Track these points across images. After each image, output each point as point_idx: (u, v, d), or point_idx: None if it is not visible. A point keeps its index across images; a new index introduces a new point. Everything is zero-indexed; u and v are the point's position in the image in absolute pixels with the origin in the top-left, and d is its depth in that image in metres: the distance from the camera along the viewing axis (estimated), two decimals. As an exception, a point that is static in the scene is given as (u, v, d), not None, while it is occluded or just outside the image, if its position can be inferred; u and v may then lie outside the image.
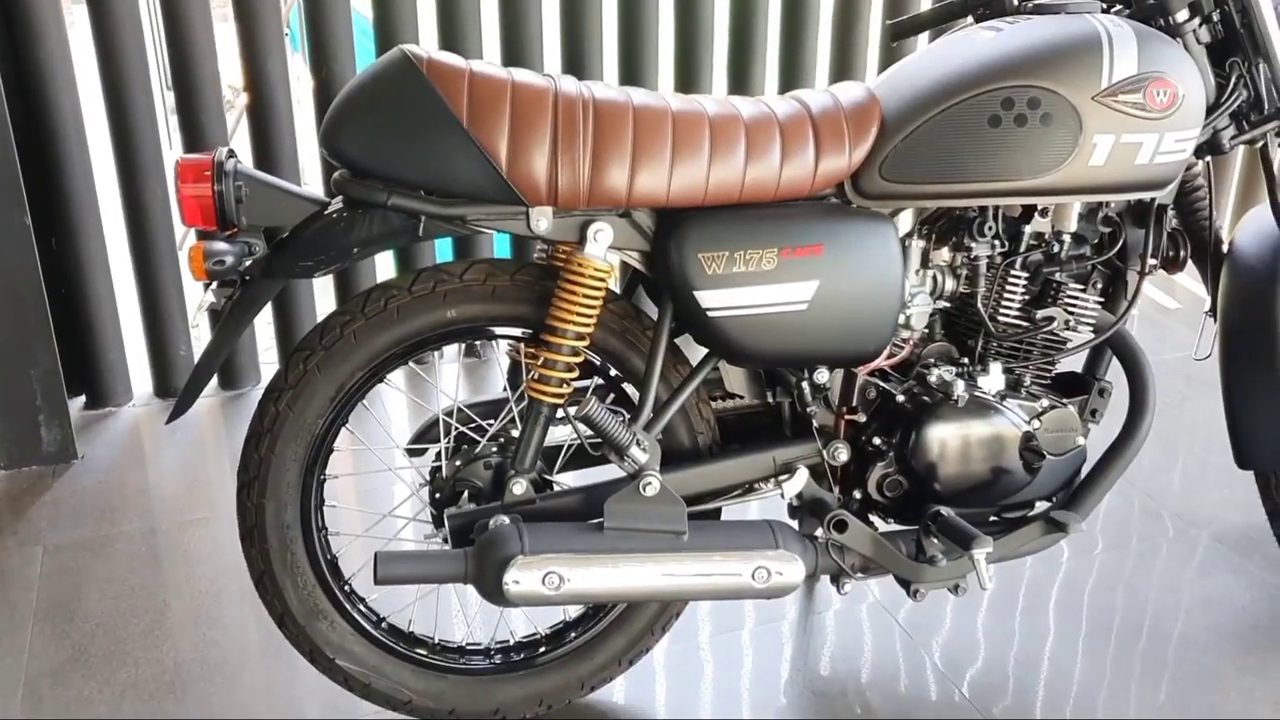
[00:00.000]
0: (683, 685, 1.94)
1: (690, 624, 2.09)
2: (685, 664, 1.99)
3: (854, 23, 3.18)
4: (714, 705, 1.89)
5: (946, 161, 1.61)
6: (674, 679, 1.95)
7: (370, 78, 1.53)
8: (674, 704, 1.90)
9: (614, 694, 1.91)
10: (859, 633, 2.06)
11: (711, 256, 1.57)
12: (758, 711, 1.88)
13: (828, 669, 1.97)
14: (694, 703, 1.90)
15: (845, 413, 1.78)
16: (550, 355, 1.61)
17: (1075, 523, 1.74)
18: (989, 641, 2.04)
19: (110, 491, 2.52)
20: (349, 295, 3.01)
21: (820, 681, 1.94)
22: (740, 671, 1.97)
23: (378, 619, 1.78)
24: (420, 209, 1.54)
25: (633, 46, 3.01)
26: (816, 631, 2.07)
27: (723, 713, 1.87)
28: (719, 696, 1.91)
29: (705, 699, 1.91)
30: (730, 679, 1.95)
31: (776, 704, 1.89)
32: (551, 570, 1.55)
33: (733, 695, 1.91)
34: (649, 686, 1.93)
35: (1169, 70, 1.62)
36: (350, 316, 1.64)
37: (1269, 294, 1.88)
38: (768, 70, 3.15)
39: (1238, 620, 2.09)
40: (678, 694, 1.92)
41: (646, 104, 1.56)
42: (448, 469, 1.71)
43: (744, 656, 2.01)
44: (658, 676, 1.96)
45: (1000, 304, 1.75)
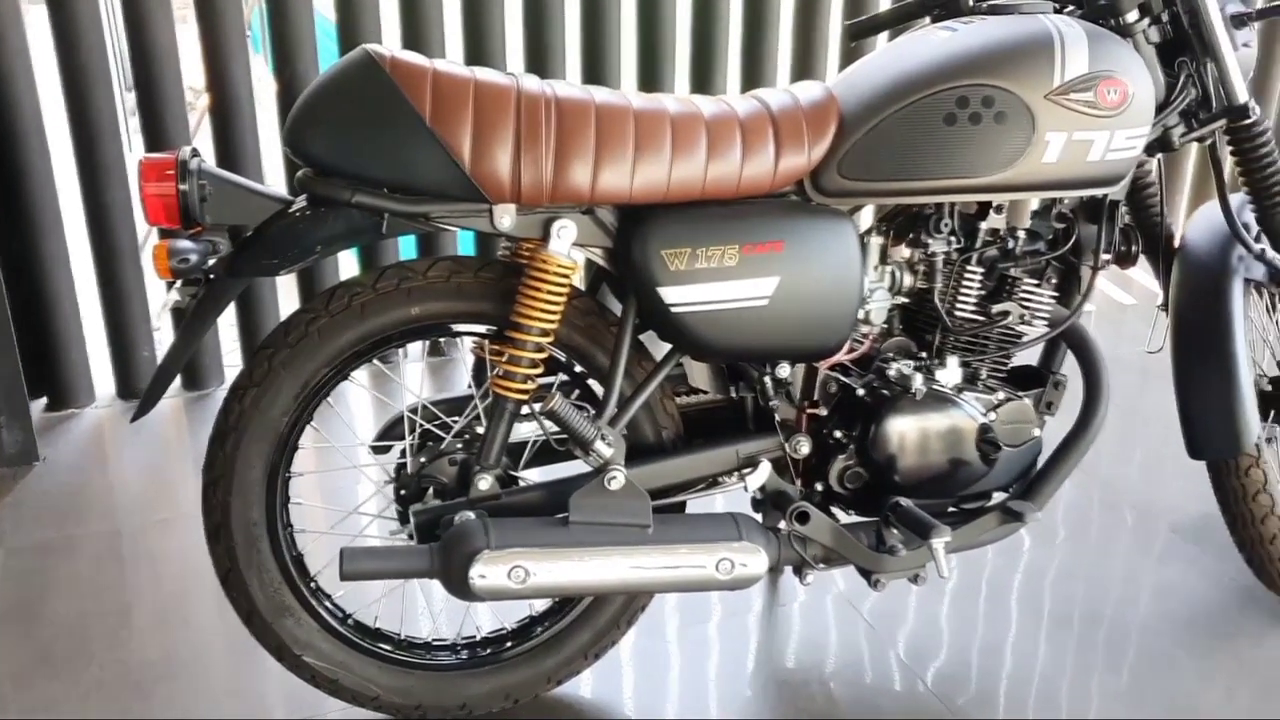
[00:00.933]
0: (649, 678, 1.96)
1: (658, 617, 2.11)
2: (652, 657, 2.01)
3: (814, 23, 3.21)
4: (681, 697, 1.91)
5: (903, 159, 1.64)
6: (641, 672, 1.97)
7: (334, 77, 1.54)
8: (641, 697, 1.92)
9: (581, 688, 1.93)
10: (824, 625, 2.09)
11: (674, 253, 1.59)
12: (724, 703, 1.90)
13: (792, 660, 2.00)
14: (661, 695, 1.92)
15: (807, 407, 1.80)
16: (515, 352, 1.62)
17: (1031, 512, 1.78)
18: (952, 632, 2.07)
19: (73, 493, 2.51)
20: (312, 294, 3.00)
21: (784, 673, 1.97)
22: (707, 664, 1.99)
23: (344, 615, 1.79)
24: (384, 207, 1.55)
25: (595, 46, 3.02)
26: (781, 624, 2.09)
27: (689, 705, 1.89)
28: (685, 689, 1.93)
29: (672, 691, 1.93)
30: (697, 671, 1.97)
31: (742, 695, 1.92)
32: (517, 564, 1.56)
33: (699, 687, 1.93)
34: (616, 680, 1.95)
35: (1119, 69, 1.65)
36: (315, 314, 1.64)
37: (1218, 288, 1.92)
38: (729, 70, 3.18)
39: (1192, 608, 2.13)
40: (644, 687, 1.94)
41: (609, 102, 1.58)
42: (413, 465, 1.72)
43: (710, 649, 2.03)
44: (624, 670, 1.97)
45: (957, 299, 1.78)
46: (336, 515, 2.26)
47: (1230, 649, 2.02)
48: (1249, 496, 1.92)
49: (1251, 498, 1.92)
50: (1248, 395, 1.86)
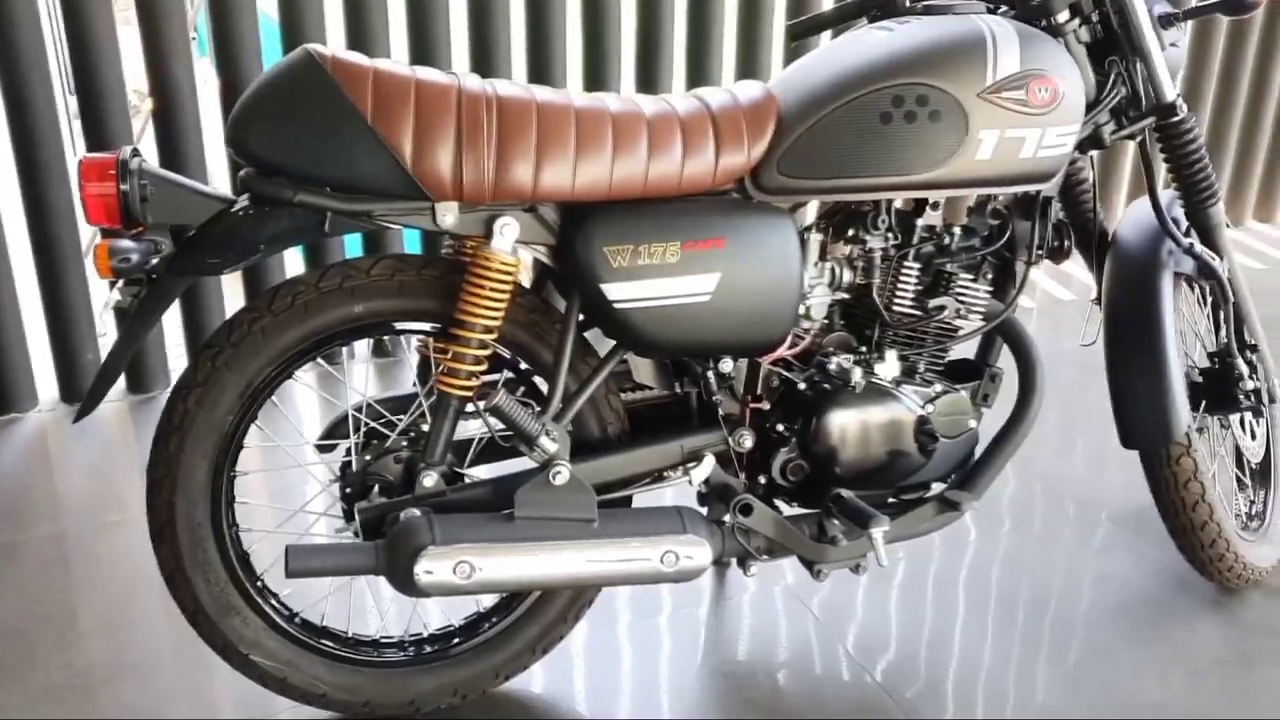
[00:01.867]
0: (598, 673, 1.97)
1: (607, 612, 2.12)
2: (600, 652, 2.02)
3: (757, 22, 3.24)
4: (629, 691, 1.93)
5: (841, 157, 1.67)
6: (589, 667, 1.99)
7: (275, 76, 1.54)
8: (589, 691, 1.93)
9: (530, 683, 1.94)
10: (771, 617, 2.12)
11: (616, 250, 1.61)
12: (672, 696, 1.92)
13: (739, 653, 2.02)
14: (609, 689, 1.93)
15: (750, 401, 1.83)
16: (458, 349, 1.63)
17: (968, 501, 1.82)
18: (897, 624, 2.10)
19: (17, 497, 2.49)
20: (258, 294, 2.99)
21: (732, 665, 1.99)
22: (655, 658, 2.01)
23: (291, 614, 1.79)
24: (326, 205, 1.55)
25: (540, 46, 3.04)
26: (729, 617, 2.12)
27: (638, 699, 1.91)
28: (633, 683, 1.95)
29: (620, 685, 1.94)
30: (645, 666, 1.99)
31: (690, 689, 1.94)
32: (463, 560, 1.57)
33: (647, 681, 1.95)
34: (565, 675, 1.96)
35: (1050, 68, 1.69)
36: (258, 313, 1.65)
37: (1148, 281, 1.97)
38: (674, 70, 3.21)
39: (1129, 596, 2.18)
40: (593, 681, 1.95)
41: (550, 101, 1.60)
42: (358, 464, 1.73)
43: (659, 643, 2.05)
44: (573, 665, 1.99)
45: (894, 294, 1.81)
46: (283, 514, 2.26)
47: (1165, 635, 2.07)
48: (1180, 484, 1.97)
49: (1182, 486, 1.97)
50: (1177, 386, 1.91)
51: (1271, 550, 2.18)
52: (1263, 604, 2.15)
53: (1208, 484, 1.98)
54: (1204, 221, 2.00)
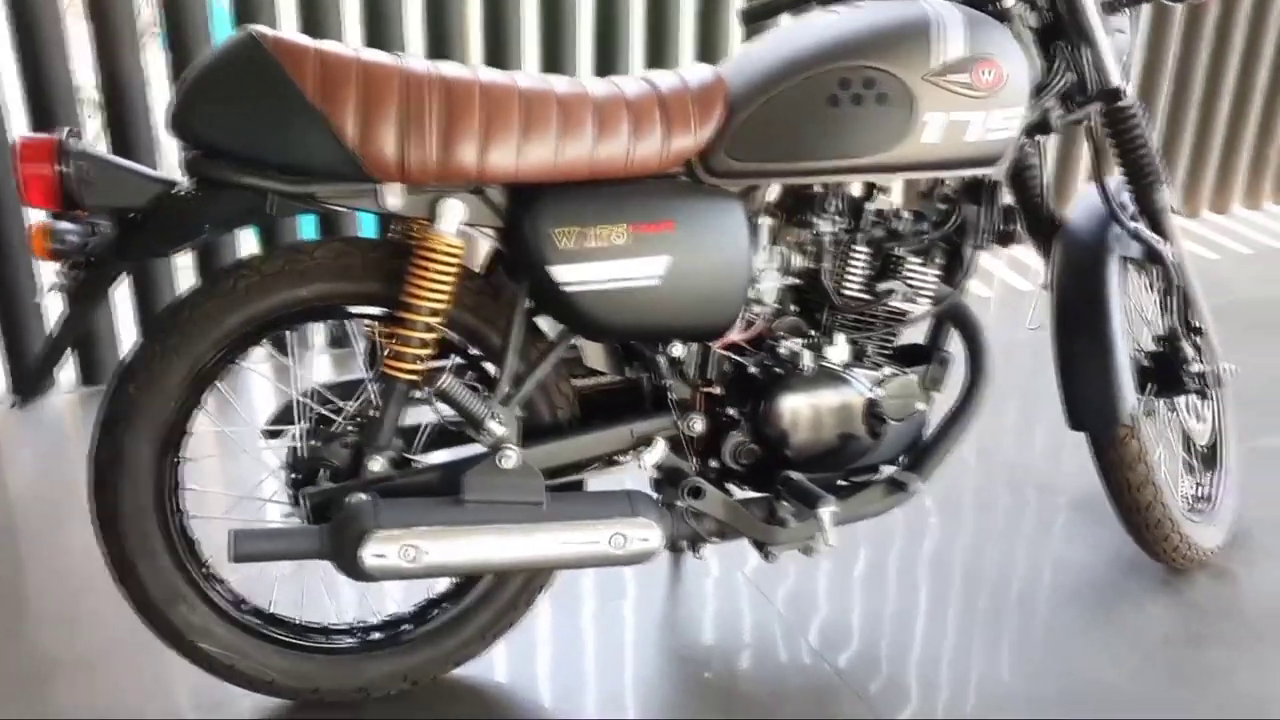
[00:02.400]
0: (552, 659, 1.97)
1: (565, 598, 2.12)
2: (554, 638, 2.02)
3: (716, 5, 3.24)
4: (581, 677, 1.93)
5: (788, 140, 1.67)
6: (544, 652, 1.98)
7: (217, 58, 1.53)
8: (542, 677, 1.93)
9: (483, 669, 1.93)
10: (730, 602, 2.12)
11: (564, 232, 1.61)
12: (621, 681, 1.92)
13: (694, 637, 2.02)
14: (563, 675, 1.93)
15: (701, 385, 1.83)
16: (404, 332, 1.63)
17: (914, 483, 1.83)
18: (856, 609, 2.11)
19: (-36, 490, 2.46)
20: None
21: (687, 648, 1.99)
22: (612, 643, 2.01)
23: (239, 601, 1.78)
24: (269, 187, 1.54)
25: (498, 32, 3.02)
26: (688, 602, 2.12)
27: (590, 684, 1.91)
28: (585, 668, 1.95)
29: (573, 671, 1.94)
30: (598, 650, 1.99)
31: (643, 673, 1.94)
32: (408, 543, 1.57)
33: (600, 666, 1.95)
34: (519, 660, 1.96)
35: (995, 52, 1.70)
36: (202, 297, 1.63)
37: (1095, 265, 1.99)
38: (632, 55, 3.20)
39: (1085, 579, 2.19)
40: (547, 667, 1.95)
41: (495, 82, 1.59)
42: (305, 449, 1.72)
43: (613, 628, 2.04)
44: (526, 651, 1.98)
45: (844, 278, 1.82)
46: (231, 501, 2.24)
47: (1117, 616, 2.09)
48: (1126, 466, 1.99)
49: (1129, 467, 1.99)
50: (1123, 369, 1.93)
51: (1217, 532, 2.21)
52: (1209, 585, 2.17)
53: (1153, 466, 2.00)
54: (1150, 205, 2.02)
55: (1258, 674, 1.95)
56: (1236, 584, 2.18)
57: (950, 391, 1.94)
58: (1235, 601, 2.13)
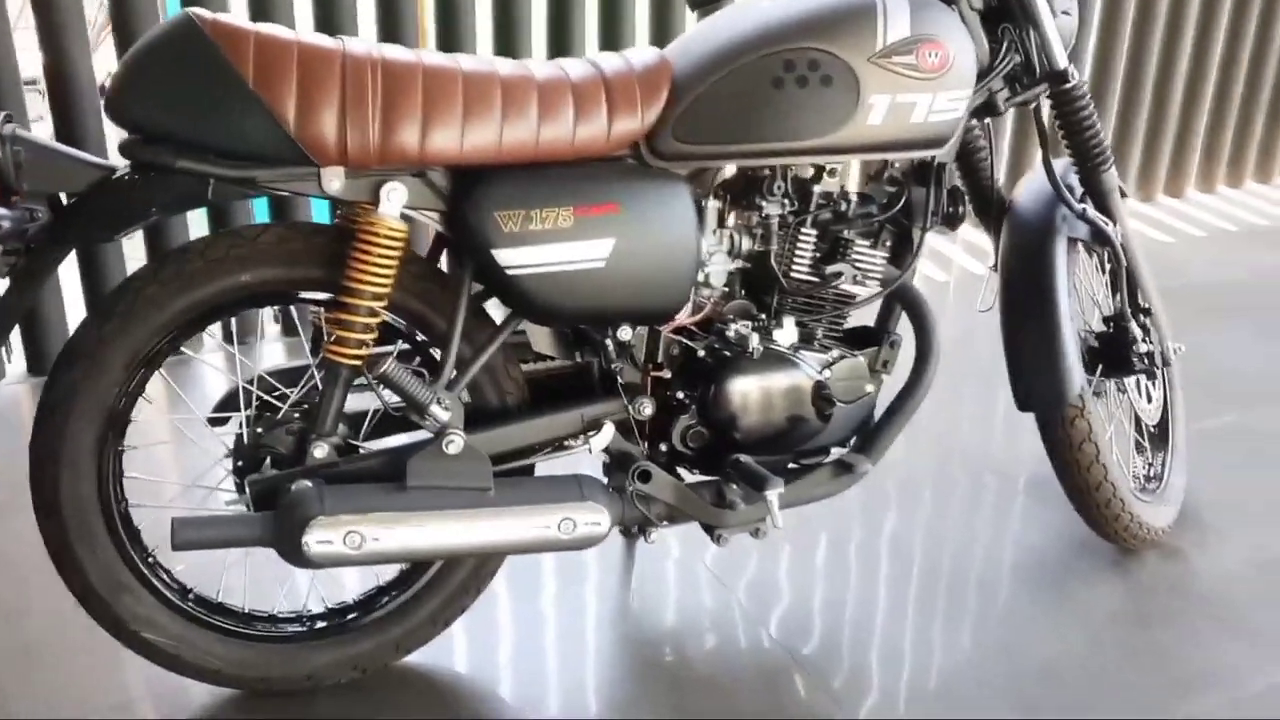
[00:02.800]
0: (501, 644, 1.96)
1: (513, 584, 2.11)
2: (507, 623, 2.01)
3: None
4: (547, 659, 1.92)
5: (733, 122, 1.67)
6: (493, 638, 1.98)
7: (154, 41, 1.51)
8: (494, 663, 1.92)
9: (432, 657, 1.93)
10: (690, 587, 2.12)
11: (508, 215, 1.60)
12: (574, 665, 1.91)
13: (653, 622, 2.02)
14: (514, 661, 1.93)
15: (651, 369, 1.83)
16: (347, 317, 1.61)
17: (862, 464, 1.84)
18: (808, 590, 2.11)
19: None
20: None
21: (644, 634, 1.99)
22: (558, 628, 2.00)
23: (185, 590, 1.76)
24: (208, 171, 1.52)
25: (450, 15, 2.99)
26: (641, 586, 2.11)
27: (556, 666, 1.91)
28: (551, 651, 1.95)
29: (522, 657, 1.94)
30: (554, 635, 1.98)
31: (598, 657, 1.93)
32: (352, 530, 1.56)
33: (558, 648, 1.95)
34: (469, 649, 1.95)
35: (940, 33, 1.70)
36: (143, 283, 1.61)
37: (1042, 246, 2.00)
38: (587, 38, 3.18)
39: (1037, 559, 2.21)
40: (496, 654, 1.94)
41: (437, 65, 1.58)
42: (250, 436, 1.70)
43: (564, 613, 2.04)
44: (478, 637, 1.98)
45: (792, 261, 1.82)
46: (175, 489, 2.22)
47: (1067, 595, 2.10)
48: (1074, 447, 2.00)
49: (1077, 448, 2.00)
50: (1070, 349, 1.94)
51: (1168, 511, 2.22)
52: (1159, 564, 2.19)
53: (1102, 446, 2.01)
54: (1098, 187, 2.03)
55: (1203, 651, 1.97)
56: (1186, 563, 2.20)
57: (900, 373, 1.95)
58: (1184, 580, 2.15)
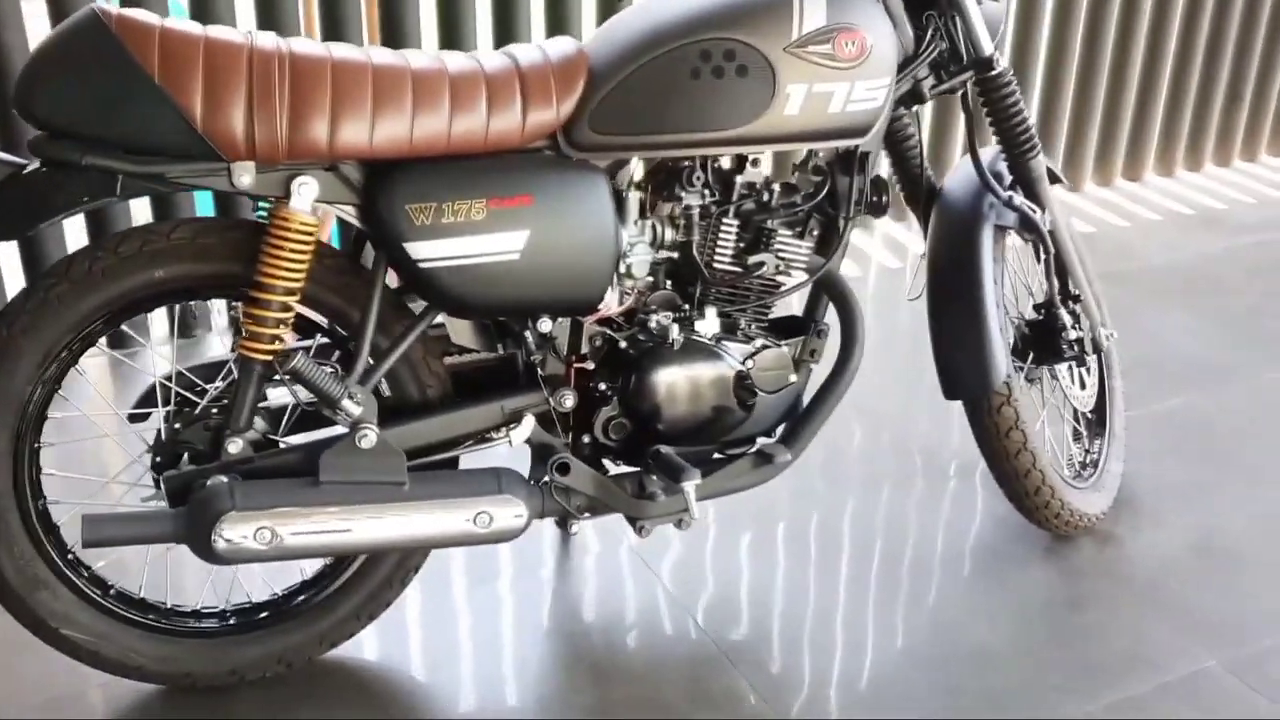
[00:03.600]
0: (432, 638, 1.97)
1: (445, 576, 2.11)
2: (436, 617, 2.01)
3: None
4: (464, 655, 1.93)
5: (650, 113, 1.66)
6: (424, 631, 1.98)
7: (60, 37, 1.50)
8: (422, 655, 1.92)
9: (362, 650, 1.93)
10: (616, 578, 2.12)
11: (419, 208, 1.59)
12: (509, 660, 1.92)
13: (580, 615, 2.03)
14: (444, 653, 1.93)
15: (574, 360, 1.82)
16: (259, 312, 1.61)
17: (781, 454, 1.84)
18: (739, 579, 2.12)
19: None
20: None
21: (571, 625, 1.99)
22: (495, 621, 2.01)
23: (106, 586, 1.76)
24: (116, 167, 1.52)
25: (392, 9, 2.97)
26: (573, 579, 2.12)
27: (480, 656, 1.91)
28: (468, 647, 1.95)
29: (455, 650, 1.94)
30: (483, 629, 1.99)
31: (524, 646, 1.94)
32: (263, 525, 1.56)
33: (483, 644, 1.95)
34: (399, 640, 1.95)
35: (858, 21, 1.70)
36: (55, 280, 1.61)
37: (969, 234, 2.00)
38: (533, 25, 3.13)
39: (970, 544, 2.21)
40: (427, 646, 1.95)
41: (346, 58, 1.57)
42: (167, 432, 1.70)
43: (498, 606, 2.04)
44: (408, 630, 1.98)
45: (714, 252, 1.82)
46: (95, 486, 2.20)
47: (998, 580, 2.11)
48: (1002, 434, 2.01)
49: (1004, 434, 2.01)
50: (995, 336, 1.94)
51: (1102, 498, 2.23)
52: (1093, 550, 2.20)
53: (1030, 433, 2.01)
54: (1026, 174, 2.03)
55: (1132, 634, 1.98)
56: (1120, 548, 2.21)
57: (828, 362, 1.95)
58: (1116, 565, 2.16)
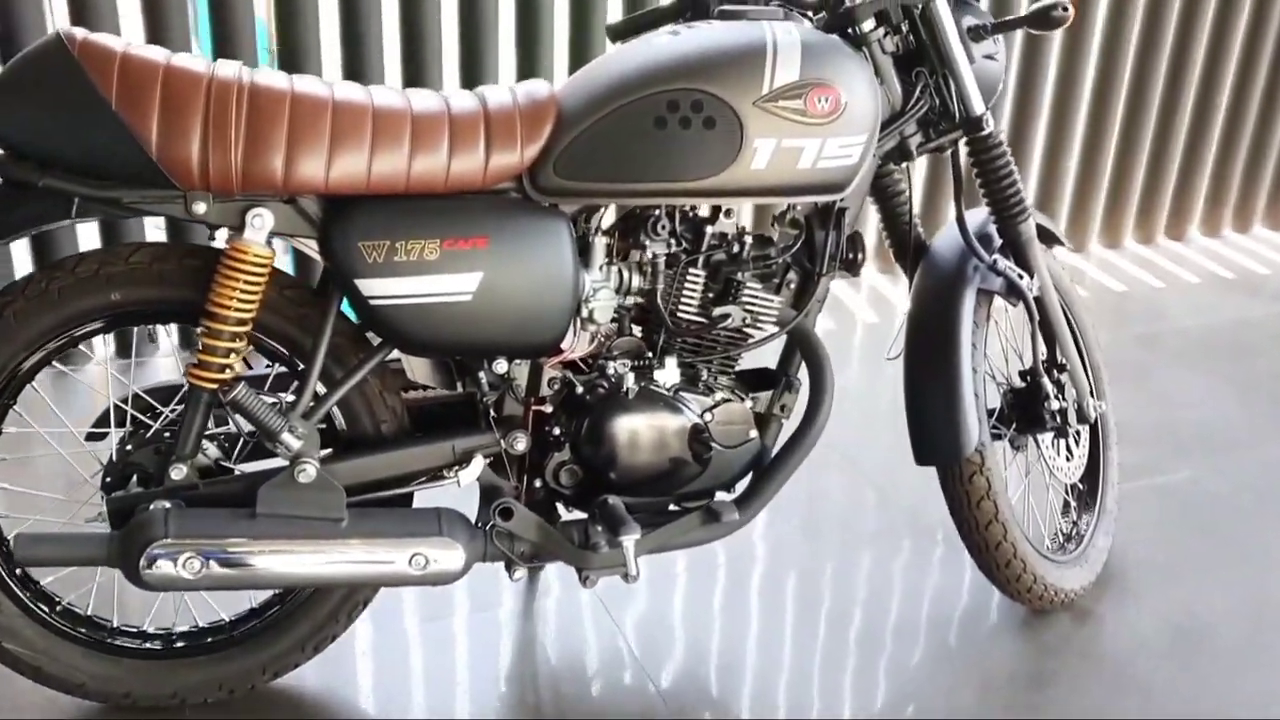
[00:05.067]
0: (380, 672, 1.95)
1: (399, 610, 2.10)
2: (386, 652, 2.00)
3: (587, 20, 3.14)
4: (415, 691, 1.91)
5: (615, 160, 1.64)
6: (372, 666, 1.97)
7: (23, 58, 1.52)
8: (368, 691, 1.91)
9: (306, 681, 1.92)
10: (573, 623, 2.09)
11: (372, 245, 1.59)
12: (456, 699, 1.90)
13: (532, 658, 2.00)
14: (396, 688, 1.91)
15: (533, 402, 1.81)
16: (209, 341, 1.61)
17: (730, 514, 1.80)
18: (702, 634, 2.08)
19: None
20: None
21: (520, 669, 1.97)
22: (447, 659, 1.99)
23: (53, 602, 1.77)
24: (73, 190, 1.53)
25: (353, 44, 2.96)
26: (531, 621, 2.09)
27: (431, 700, 1.89)
28: (422, 683, 1.93)
29: (408, 684, 1.92)
30: (436, 666, 1.97)
31: (479, 692, 1.92)
32: (191, 555, 1.55)
33: (434, 681, 1.93)
34: (347, 674, 1.94)
35: (833, 78, 1.67)
36: (11, 298, 1.63)
37: (950, 296, 1.95)
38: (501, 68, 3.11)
39: (945, 611, 2.16)
40: (373, 681, 1.93)
41: (307, 92, 1.57)
42: (118, 454, 1.71)
43: (450, 645, 2.02)
44: (356, 663, 1.97)
45: (679, 301, 1.79)
46: (48, 503, 2.22)
47: (967, 650, 2.05)
48: (972, 504, 1.95)
49: (975, 504, 1.95)
50: (968, 402, 1.89)
51: (1084, 573, 2.16)
52: (1069, 625, 2.13)
53: (1001, 504, 1.95)
54: (1015, 237, 1.99)
55: (1094, 714, 1.91)
56: (1097, 625, 2.14)
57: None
58: (1090, 642, 2.09)
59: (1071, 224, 4.03)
